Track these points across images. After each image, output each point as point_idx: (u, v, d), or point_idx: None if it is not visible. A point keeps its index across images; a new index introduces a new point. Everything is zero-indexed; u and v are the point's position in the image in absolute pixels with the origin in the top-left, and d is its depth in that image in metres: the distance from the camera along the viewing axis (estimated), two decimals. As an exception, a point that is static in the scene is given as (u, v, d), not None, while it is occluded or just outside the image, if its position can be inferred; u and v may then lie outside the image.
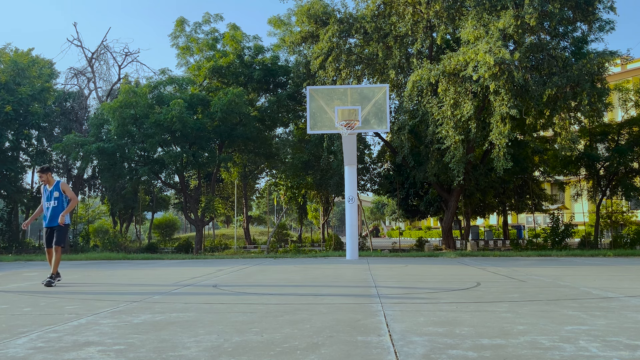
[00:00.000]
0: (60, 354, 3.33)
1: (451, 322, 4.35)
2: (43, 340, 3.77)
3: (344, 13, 21.30)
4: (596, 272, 9.68)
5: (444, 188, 22.26)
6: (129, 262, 15.96)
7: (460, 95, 17.46)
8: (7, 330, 4.18)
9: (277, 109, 24.50)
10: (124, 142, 21.37)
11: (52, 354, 3.33)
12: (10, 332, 4.06)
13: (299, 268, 11.69)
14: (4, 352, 3.37)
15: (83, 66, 28.06)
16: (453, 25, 19.00)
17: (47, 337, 3.89)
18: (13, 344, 3.65)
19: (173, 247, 25.22)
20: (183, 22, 25.18)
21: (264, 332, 3.97)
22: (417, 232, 50.53)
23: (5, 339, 3.82)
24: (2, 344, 3.65)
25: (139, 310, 5.25)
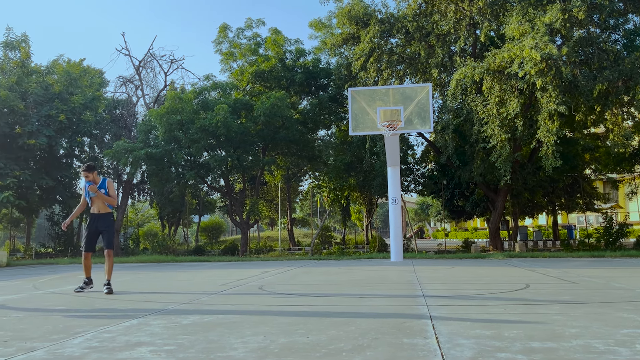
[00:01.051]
0: (114, 353, 3.44)
1: (499, 324, 4.27)
2: (97, 340, 3.90)
3: (384, 13, 21.19)
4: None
5: (490, 188, 21.82)
6: (177, 264, 16.33)
7: (505, 93, 17.08)
8: (64, 330, 4.35)
9: (319, 112, 24.59)
10: (170, 147, 21.89)
11: (106, 353, 3.45)
12: (67, 332, 4.23)
13: (343, 270, 11.69)
14: (61, 352, 3.52)
15: (131, 74, 28.97)
16: (497, 22, 18.61)
17: (101, 337, 4.03)
18: (70, 343, 3.80)
19: (219, 250, 25.64)
20: (226, 28, 25.61)
21: (309, 334, 4.00)
22: (463, 233, 49.66)
23: (62, 338, 3.98)
24: (59, 343, 3.81)
25: (187, 311, 5.37)
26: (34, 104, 22.92)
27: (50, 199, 25.14)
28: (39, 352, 3.51)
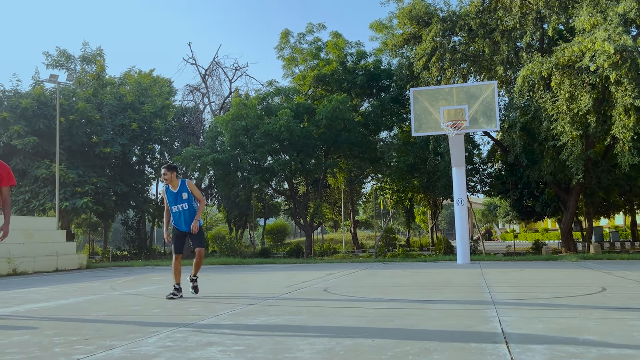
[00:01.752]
0: (186, 352, 3.58)
1: (574, 329, 4.11)
2: (171, 339, 4.08)
3: (446, 11, 20.85)
4: None
5: (561, 187, 20.97)
6: (244, 266, 16.71)
7: (576, 88, 16.38)
8: (140, 330, 4.57)
9: (381, 113, 24.49)
10: (236, 152, 22.45)
11: (179, 352, 3.60)
12: (142, 332, 4.44)
13: (408, 272, 11.58)
14: (137, 350, 3.70)
15: (198, 83, 30.02)
16: (566, 15, 17.88)
17: (174, 337, 4.20)
18: (145, 342, 3.99)
19: (284, 252, 26.00)
20: (288, 34, 26.00)
21: (375, 336, 4.00)
22: (533, 235, 47.90)
23: (138, 337, 4.18)
24: (135, 342, 4.01)
25: (254, 312, 5.50)
26: (109, 114, 24.18)
27: (125, 204, 26.39)
28: (117, 350, 3.71)
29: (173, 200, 7.19)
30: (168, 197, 7.21)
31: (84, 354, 3.56)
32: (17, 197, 22.91)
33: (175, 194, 7.18)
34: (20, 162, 22.21)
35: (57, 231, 17.79)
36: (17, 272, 14.50)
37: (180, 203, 7.16)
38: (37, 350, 3.72)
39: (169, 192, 7.21)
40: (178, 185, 7.20)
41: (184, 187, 7.19)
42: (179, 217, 7.19)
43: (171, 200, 7.19)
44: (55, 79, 19.64)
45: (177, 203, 7.18)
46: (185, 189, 7.18)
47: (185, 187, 7.19)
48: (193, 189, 7.24)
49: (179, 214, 7.18)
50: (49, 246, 16.20)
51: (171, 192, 7.20)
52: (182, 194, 7.16)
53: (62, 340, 4.10)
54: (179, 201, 7.16)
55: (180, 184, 7.19)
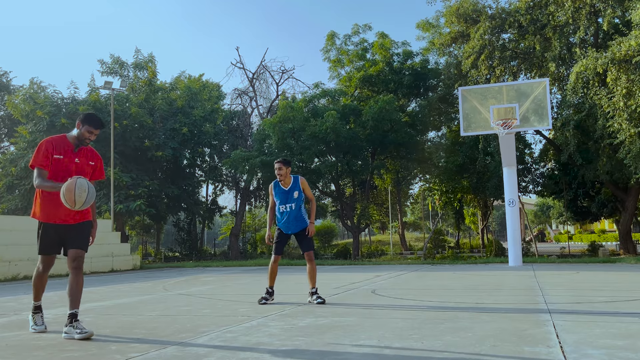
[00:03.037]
0: (236, 352, 3.65)
1: (634, 334, 3.94)
2: (221, 339, 4.16)
3: (495, 8, 20.42)
4: None
5: (619, 187, 20.14)
6: (292, 267, 16.82)
7: (634, 84, 15.70)
8: (191, 329, 4.68)
9: (428, 113, 24.20)
10: (283, 154, 22.67)
11: (229, 352, 3.67)
12: (193, 332, 4.55)
13: (458, 275, 11.39)
14: (189, 349, 3.80)
15: (245, 86, 30.46)
16: (622, 8, 17.18)
17: (224, 336, 4.28)
18: (196, 342, 4.09)
19: (332, 253, 26.04)
20: (333, 36, 26.06)
21: (424, 339, 3.96)
22: (589, 236, 46.17)
23: (189, 337, 4.29)
24: (187, 341, 4.11)
25: (303, 314, 5.54)
26: (160, 119, 24.88)
27: (176, 206, 27.08)
28: (170, 349, 3.82)
29: (283, 198, 6.54)
30: (277, 195, 6.59)
31: (139, 353, 3.68)
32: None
33: (285, 192, 6.54)
34: (78, 166, 23.12)
35: (112, 233, 18.45)
36: (76, 272, 15.09)
37: (289, 202, 6.53)
38: (94, 348, 3.87)
39: (279, 189, 6.58)
40: (290, 182, 6.56)
41: (297, 185, 6.57)
42: (285, 218, 6.55)
43: (281, 199, 6.55)
44: (109, 85, 20.39)
45: (286, 202, 6.54)
46: (297, 187, 6.56)
47: (298, 185, 6.57)
48: (306, 187, 6.63)
49: (286, 214, 6.55)
50: (104, 247, 16.80)
51: (282, 189, 6.57)
52: (293, 192, 6.53)
53: (117, 339, 4.25)
54: (289, 200, 6.53)
55: (292, 181, 6.57)
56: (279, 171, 6.50)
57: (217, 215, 31.39)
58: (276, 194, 6.59)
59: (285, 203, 6.53)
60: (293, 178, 6.59)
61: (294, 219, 6.53)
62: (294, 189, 6.53)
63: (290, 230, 6.58)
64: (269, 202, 6.74)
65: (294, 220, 6.53)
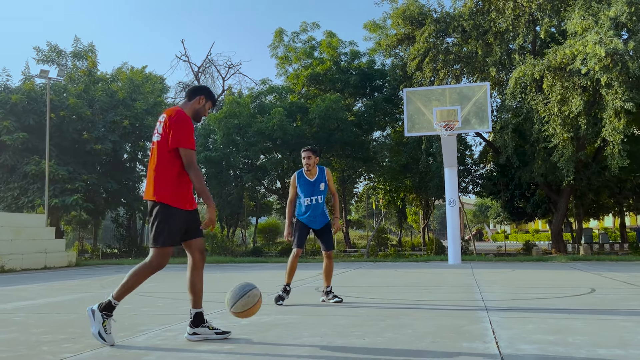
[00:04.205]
0: (176, 352, 3.57)
1: (563, 330, 4.13)
2: (160, 338, 4.06)
3: (440, 12, 20.90)
4: None
5: (552, 189, 21.09)
6: (236, 265, 16.68)
7: (567, 90, 16.48)
8: (130, 328, 4.54)
9: (374, 113, 24.53)
10: (229, 150, 22.40)
11: (168, 351, 3.58)
12: (132, 330, 4.42)
13: (400, 272, 11.61)
14: (127, 349, 3.68)
15: (190, 80, 29.90)
16: (558, 17, 17.98)
17: (164, 335, 4.18)
18: (134, 341, 3.97)
19: (277, 251, 25.97)
20: (281, 33, 25.97)
21: (365, 336, 4.00)
22: (524, 236, 48.16)
23: (127, 336, 4.16)
24: (125, 340, 3.99)
25: (246, 311, 5.48)
26: (100, 111, 24.03)
27: (115, 201, 26.25)
28: (106, 348, 3.69)
29: (309, 190, 6.03)
30: (301, 187, 6.06)
31: (72, 353, 3.54)
32: (5, 193, 22.72)
33: (311, 184, 6.04)
34: (9, 158, 22.02)
35: (46, 228, 17.67)
36: (5, 270, 14.39)
37: (316, 195, 6.04)
38: (24, 349, 3.69)
39: (304, 180, 6.05)
40: (316, 173, 6.08)
41: (323, 176, 6.10)
42: (310, 211, 6.04)
43: (306, 191, 6.03)
44: (45, 74, 19.47)
45: (312, 195, 6.04)
46: (323, 179, 6.08)
47: (324, 177, 6.10)
48: (331, 179, 6.19)
49: (311, 207, 6.04)
50: (37, 243, 16.08)
51: (307, 180, 6.05)
52: (319, 184, 6.05)
53: (49, 339, 4.07)
54: (316, 192, 6.04)
55: (318, 172, 6.09)
56: (307, 160, 5.98)
57: (159, 212, 30.60)
58: (301, 186, 6.07)
59: (311, 195, 6.05)
60: (318, 169, 6.12)
61: (320, 214, 6.10)
62: (320, 180, 6.06)
63: (315, 225, 6.12)
64: (290, 194, 6.22)
65: (320, 214, 6.10)
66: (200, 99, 4.13)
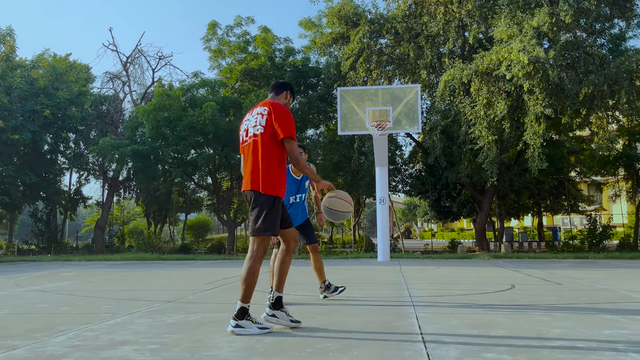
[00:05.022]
0: (97, 352, 3.40)
1: (485, 324, 4.29)
2: (80, 338, 3.86)
3: (374, 14, 21.22)
4: (636, 275, 9.40)
5: (477, 189, 21.94)
6: (163, 262, 16.24)
7: (493, 95, 17.19)
8: (46, 328, 4.29)
9: (308, 111, 24.56)
10: (157, 144, 21.74)
11: (89, 352, 3.41)
12: (49, 331, 4.18)
13: (331, 269, 11.69)
14: (43, 350, 3.47)
15: (118, 70, 28.73)
16: (485, 24, 18.72)
17: (84, 335, 3.98)
18: (52, 342, 3.75)
19: (206, 248, 25.52)
20: (215, 26, 25.47)
21: (296, 333, 3.98)
22: (450, 234, 49.91)
23: (44, 337, 3.93)
24: (41, 341, 3.76)
25: (172, 310, 5.33)
26: (19, 99, 22.64)
27: (34, 195, 24.84)
28: (20, 350, 3.47)
29: (294, 189, 5.83)
30: (289, 186, 5.67)
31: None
32: None
33: (297, 182, 5.85)
34: None
35: (-44, 222, 16.44)
36: None
37: (300, 193, 5.89)
38: None
39: (291, 179, 5.77)
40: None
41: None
42: (291, 209, 5.83)
43: (291, 189, 5.78)
44: (-42, 58, 18.11)
45: (297, 192, 5.87)
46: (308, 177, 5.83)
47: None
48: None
49: (295, 205, 5.88)
50: (-54, 238, 14.94)
51: (294, 178, 5.80)
52: (305, 181, 5.88)
53: (-44, 341, 3.77)
54: (301, 190, 5.88)
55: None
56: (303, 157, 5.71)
57: (81, 206, 29.29)
58: (289, 184, 5.63)
59: (296, 193, 5.86)
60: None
61: (301, 211, 5.96)
62: (306, 178, 5.84)
63: (296, 222, 5.84)
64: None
65: (301, 211, 5.96)
66: (286, 94, 4.39)
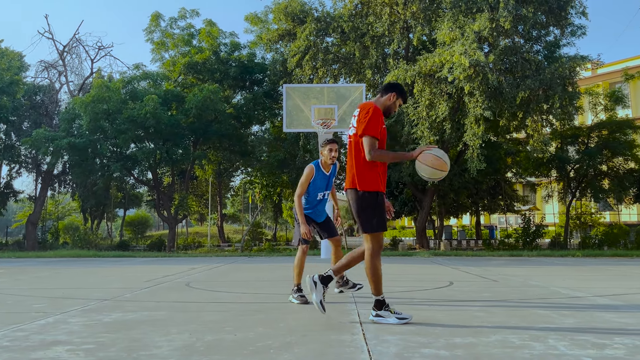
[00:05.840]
0: (27, 353, 3.24)
1: (424, 321, 4.38)
2: (9, 339, 3.67)
3: (321, 12, 21.27)
4: (565, 272, 9.86)
5: (418, 188, 22.42)
6: (100, 259, 15.71)
7: (435, 96, 17.60)
8: (-29, 329, 4.05)
9: (253, 107, 24.36)
10: (96, 137, 21.01)
11: (18, 353, 3.24)
12: (-26, 331, 3.94)
13: (274, 267, 11.65)
14: (-33, 352, 3.27)
15: (54, 59, 27.52)
16: (429, 27, 19.14)
17: (13, 335, 3.78)
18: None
19: (145, 245, 24.90)
20: (158, 17, 24.85)
21: (237, 331, 3.93)
22: (392, 232, 50.80)
23: (-32, 338, 3.70)
24: (-35, 343, 3.54)
25: (109, 308, 5.16)
26: (-56, 86, 21.30)
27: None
28: (-59, 353, 3.25)
29: (323, 185, 5.71)
30: (318, 181, 5.64)
31: None
32: None
33: (326, 178, 5.72)
34: None
35: None
36: None
37: (328, 189, 5.79)
38: None
39: (322, 175, 5.66)
40: (331, 167, 5.73)
41: (335, 170, 5.81)
42: (319, 206, 5.81)
43: (321, 186, 5.69)
44: None
45: (325, 189, 5.76)
46: (334, 173, 5.80)
47: (336, 170, 5.84)
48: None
49: (321, 202, 5.80)
50: None
51: (324, 175, 5.68)
52: (332, 178, 5.78)
53: None
54: (329, 186, 5.79)
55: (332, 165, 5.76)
56: (334, 153, 5.61)
57: (12, 201, 27.89)
58: (318, 180, 5.65)
59: (324, 190, 5.75)
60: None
61: (324, 207, 5.94)
62: (333, 174, 5.81)
63: (320, 218, 5.90)
64: (302, 188, 5.64)
65: (324, 208, 5.94)
66: (392, 96, 4.36)
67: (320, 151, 5.77)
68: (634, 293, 6.41)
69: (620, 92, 23.03)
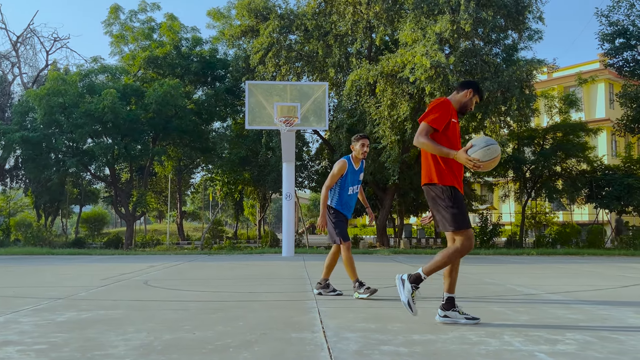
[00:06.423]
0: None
1: (384, 318, 4.42)
2: (-46, 340, 3.52)
3: (284, 9, 21.20)
4: (520, 270, 10.13)
5: (379, 187, 22.62)
6: (54, 257, 15.26)
7: (397, 96, 17.79)
8: None
9: (215, 103, 24.09)
10: (50, 131, 20.38)
11: (-36, 355, 3.11)
12: None
13: (234, 265, 11.56)
14: None
15: (7, 50, 26.60)
16: (392, 27, 19.32)
17: (-41, 337, 3.63)
18: None
19: (102, 242, 24.31)
20: (117, 9, 24.27)
21: (196, 330, 3.89)
22: (353, 230, 51.14)
23: None
24: None
25: (63, 307, 5.01)
26: None
27: None
28: None
29: (355, 179, 5.83)
30: (350, 176, 5.76)
31: None
32: None
33: (357, 173, 5.83)
34: None
35: None
36: None
37: (358, 184, 5.88)
38: None
39: (352, 169, 5.78)
40: (360, 162, 5.86)
41: (362, 165, 5.91)
42: (350, 201, 5.87)
43: (353, 180, 5.80)
44: None
45: (356, 184, 5.85)
46: (362, 169, 5.91)
47: (363, 167, 5.93)
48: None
49: (352, 197, 5.86)
50: None
51: (354, 170, 5.80)
52: (361, 173, 5.89)
53: None
54: (360, 181, 5.90)
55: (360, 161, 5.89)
56: (366, 148, 5.76)
57: (-39, 196, 26.79)
58: (351, 174, 5.77)
59: (354, 184, 5.84)
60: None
61: (354, 202, 5.95)
62: (362, 169, 5.90)
63: (349, 214, 5.95)
64: (331, 181, 5.75)
65: (354, 203, 5.95)
66: (468, 92, 4.31)
67: (352, 146, 5.87)
68: (584, 290, 6.64)
69: (574, 96, 23.81)
